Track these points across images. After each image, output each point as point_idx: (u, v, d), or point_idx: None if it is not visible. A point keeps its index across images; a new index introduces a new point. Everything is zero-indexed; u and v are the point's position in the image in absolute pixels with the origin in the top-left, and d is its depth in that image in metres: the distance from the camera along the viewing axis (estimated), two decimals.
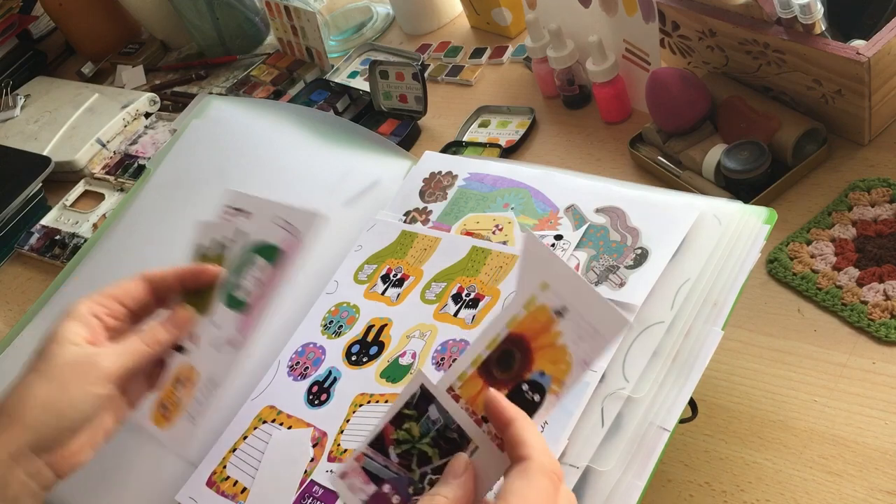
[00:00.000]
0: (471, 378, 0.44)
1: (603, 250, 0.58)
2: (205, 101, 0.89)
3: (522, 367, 0.43)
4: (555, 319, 0.42)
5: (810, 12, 0.65)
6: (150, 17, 1.34)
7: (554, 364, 0.42)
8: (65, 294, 0.80)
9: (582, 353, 0.42)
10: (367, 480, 0.44)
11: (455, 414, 0.43)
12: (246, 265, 0.58)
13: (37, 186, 1.10)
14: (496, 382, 0.43)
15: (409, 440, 0.44)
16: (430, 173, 0.72)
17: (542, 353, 0.43)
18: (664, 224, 0.57)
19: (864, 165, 0.70)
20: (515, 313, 0.44)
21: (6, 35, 1.43)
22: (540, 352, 0.43)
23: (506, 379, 0.43)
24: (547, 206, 0.63)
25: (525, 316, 0.43)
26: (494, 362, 0.44)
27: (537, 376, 0.42)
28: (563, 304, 0.42)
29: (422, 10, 1.12)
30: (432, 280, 0.63)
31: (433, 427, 0.43)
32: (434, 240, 0.66)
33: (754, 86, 0.76)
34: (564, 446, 0.50)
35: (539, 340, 0.43)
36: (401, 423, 0.44)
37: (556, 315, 0.42)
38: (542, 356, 0.43)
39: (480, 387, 0.43)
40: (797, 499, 0.53)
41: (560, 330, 0.42)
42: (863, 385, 0.56)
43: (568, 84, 0.88)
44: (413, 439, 0.44)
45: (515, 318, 0.44)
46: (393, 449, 0.44)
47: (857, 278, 0.62)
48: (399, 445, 0.44)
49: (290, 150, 0.83)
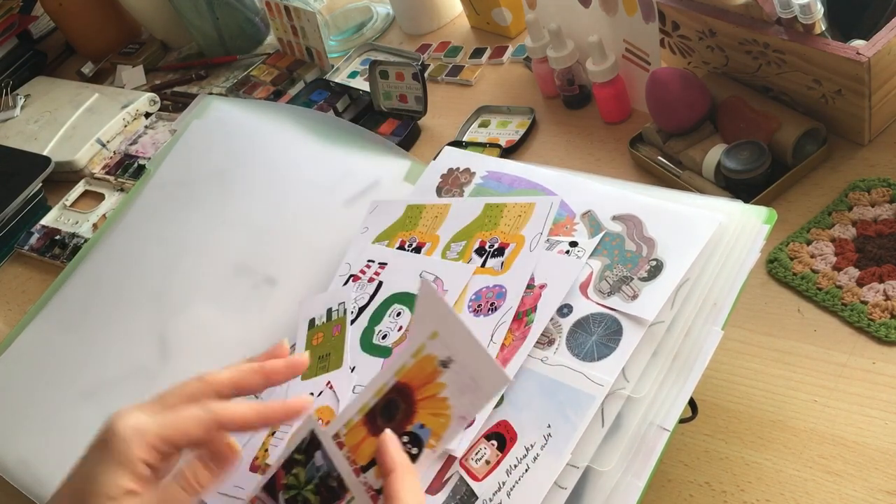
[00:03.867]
0: (356, 426, 0.44)
1: (618, 260, 0.57)
2: (205, 101, 0.89)
3: (405, 418, 0.43)
4: (440, 371, 0.42)
5: (810, 12, 0.65)
6: (150, 17, 1.34)
7: (435, 417, 0.43)
8: (65, 294, 0.80)
9: (462, 408, 0.42)
10: None
11: (337, 461, 0.43)
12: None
13: (37, 186, 1.10)
14: (379, 431, 0.43)
15: (296, 486, 0.44)
16: (448, 169, 0.71)
17: (425, 404, 0.43)
18: (681, 235, 0.56)
19: (864, 165, 0.70)
20: (404, 362, 0.43)
21: (6, 35, 1.43)
22: (422, 402, 0.43)
23: (388, 428, 0.43)
24: (563, 211, 0.62)
25: (413, 365, 0.43)
26: (379, 411, 0.44)
27: (417, 428, 0.43)
28: (449, 355, 0.42)
29: (422, 10, 1.12)
30: (451, 241, 0.63)
31: (317, 474, 0.44)
32: (444, 206, 0.66)
33: (754, 86, 0.76)
34: (568, 459, 0.50)
35: (423, 391, 0.43)
36: (291, 467, 0.45)
37: (441, 366, 0.42)
38: (424, 407, 0.43)
39: (364, 435, 0.44)
40: (797, 499, 0.53)
41: (444, 382, 0.42)
42: (863, 385, 0.56)
43: (568, 84, 0.88)
44: (299, 485, 0.44)
45: (404, 367, 0.43)
46: (282, 494, 0.44)
47: (857, 278, 0.62)
48: (287, 491, 0.44)
49: (289, 151, 0.84)
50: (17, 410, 0.75)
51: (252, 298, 0.73)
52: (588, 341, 0.54)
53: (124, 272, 0.79)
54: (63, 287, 0.80)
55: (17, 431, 0.73)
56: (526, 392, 0.53)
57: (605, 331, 0.54)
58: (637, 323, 0.53)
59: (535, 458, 0.50)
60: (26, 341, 0.78)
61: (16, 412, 0.74)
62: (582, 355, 0.53)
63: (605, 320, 0.54)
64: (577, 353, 0.53)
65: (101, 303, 0.78)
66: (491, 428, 0.53)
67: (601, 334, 0.53)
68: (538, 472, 0.50)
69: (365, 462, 0.43)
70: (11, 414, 0.75)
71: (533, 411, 0.52)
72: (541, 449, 0.51)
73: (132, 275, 0.79)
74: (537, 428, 0.51)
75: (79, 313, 0.78)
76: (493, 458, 0.52)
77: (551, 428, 0.51)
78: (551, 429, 0.51)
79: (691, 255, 0.54)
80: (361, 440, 0.44)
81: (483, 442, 0.53)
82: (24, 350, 0.78)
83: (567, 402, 0.51)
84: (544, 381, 0.53)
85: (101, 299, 0.78)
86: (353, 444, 0.44)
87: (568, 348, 0.54)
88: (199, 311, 0.74)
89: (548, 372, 0.53)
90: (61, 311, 0.79)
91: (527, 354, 0.54)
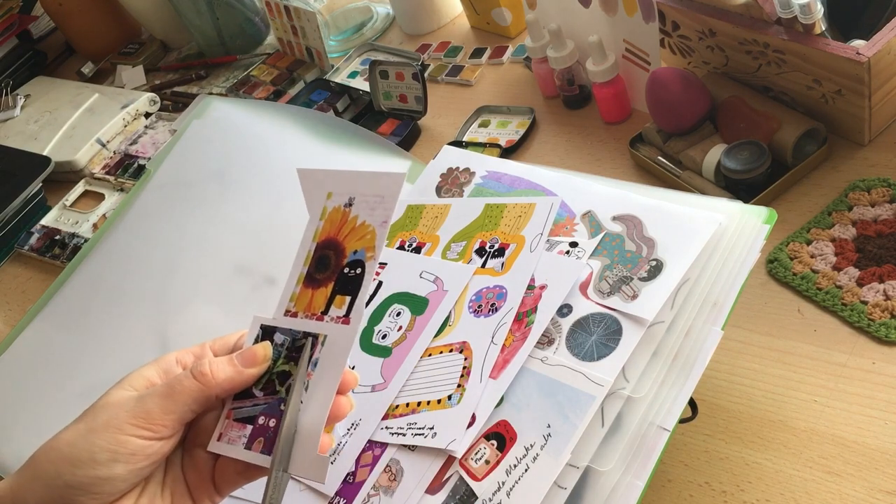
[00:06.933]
0: (300, 293, 0.48)
1: (617, 260, 0.57)
2: (205, 101, 0.89)
3: (339, 259, 0.47)
4: (348, 211, 0.48)
5: (810, 12, 0.65)
6: (150, 17, 1.34)
7: (361, 239, 0.47)
8: (65, 294, 0.80)
9: (379, 218, 0.46)
10: (242, 426, 0.45)
11: (297, 324, 0.46)
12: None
13: (37, 186, 1.10)
14: (322, 283, 0.47)
15: (266, 372, 0.46)
16: (447, 168, 0.72)
17: (349, 238, 0.47)
18: (681, 235, 0.56)
19: (864, 165, 0.70)
20: (316, 227, 0.49)
21: (6, 35, 1.43)
22: (347, 238, 0.47)
23: (328, 275, 0.47)
24: (563, 212, 0.62)
25: (324, 224, 0.48)
26: (314, 270, 0.48)
27: (352, 256, 0.47)
28: (349, 197, 0.48)
29: (422, 10, 1.12)
30: (451, 241, 0.63)
31: (282, 349, 0.46)
32: (444, 206, 0.66)
33: (754, 86, 0.76)
34: (567, 460, 0.50)
35: (343, 231, 0.47)
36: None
37: (346, 207, 0.48)
38: (350, 239, 0.47)
39: (310, 294, 0.47)
40: (797, 499, 0.53)
41: (355, 214, 0.47)
42: (863, 385, 0.56)
43: (568, 84, 0.88)
44: (269, 369, 0.46)
45: (318, 231, 0.48)
46: (255, 388, 0.46)
47: (857, 278, 0.62)
48: (259, 382, 0.46)
49: (289, 151, 0.84)
50: (17, 410, 0.75)
51: (252, 298, 0.73)
52: (588, 341, 0.54)
53: (124, 272, 0.79)
54: (63, 287, 0.80)
55: (16, 431, 0.73)
56: (526, 392, 0.53)
57: (604, 331, 0.54)
58: (637, 323, 0.53)
59: (534, 458, 0.50)
60: (26, 341, 0.78)
61: (16, 412, 0.74)
62: (582, 355, 0.53)
63: (604, 320, 0.54)
64: (576, 353, 0.53)
65: (101, 303, 0.78)
66: (491, 428, 0.53)
67: (601, 334, 0.54)
68: (538, 471, 0.50)
69: (323, 308, 0.46)
70: (11, 414, 0.75)
71: (533, 411, 0.52)
72: (540, 449, 0.51)
73: (132, 275, 0.79)
74: (537, 428, 0.51)
75: (79, 313, 0.78)
76: (492, 458, 0.52)
77: (551, 428, 0.51)
78: (551, 429, 0.51)
79: (691, 255, 0.54)
80: (310, 298, 0.47)
81: (483, 442, 0.53)
82: (24, 350, 0.78)
83: (567, 401, 0.51)
84: (544, 381, 0.53)
85: (101, 299, 0.78)
86: (305, 305, 0.47)
87: (568, 348, 0.54)
88: (199, 311, 0.74)
89: (547, 372, 0.53)
90: (61, 312, 0.79)
91: (527, 355, 0.55)
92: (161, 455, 0.42)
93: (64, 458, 0.41)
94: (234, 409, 0.45)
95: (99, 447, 0.40)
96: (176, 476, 0.45)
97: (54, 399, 0.73)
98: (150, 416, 0.42)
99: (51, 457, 0.41)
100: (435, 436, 0.54)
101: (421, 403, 0.56)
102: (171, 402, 0.42)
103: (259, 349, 0.45)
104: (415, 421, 0.55)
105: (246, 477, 0.45)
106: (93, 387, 0.72)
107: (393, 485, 0.54)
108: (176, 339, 0.73)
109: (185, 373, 0.43)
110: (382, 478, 0.54)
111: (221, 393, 0.44)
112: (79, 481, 0.40)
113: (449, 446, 0.53)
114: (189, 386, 0.43)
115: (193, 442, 0.45)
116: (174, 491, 0.44)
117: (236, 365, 0.44)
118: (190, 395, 0.43)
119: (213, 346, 0.47)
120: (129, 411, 0.41)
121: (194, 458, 0.45)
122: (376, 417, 0.57)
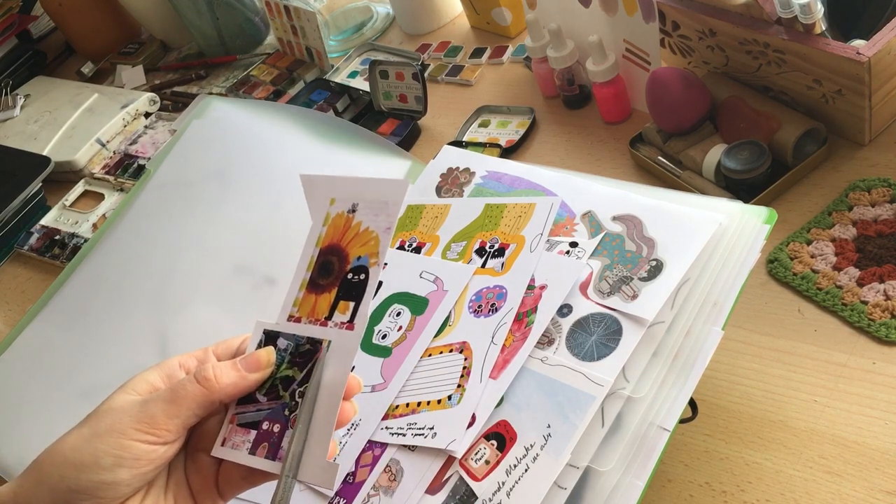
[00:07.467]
0: (303, 298, 0.48)
1: (618, 260, 0.57)
2: (205, 101, 0.89)
3: (342, 265, 0.47)
4: (351, 217, 0.47)
5: (810, 12, 0.65)
6: (150, 17, 1.34)
7: (364, 245, 0.46)
8: (65, 294, 0.80)
9: (382, 224, 0.46)
10: (246, 431, 0.45)
11: (301, 329, 0.46)
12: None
13: (36, 186, 1.10)
14: (325, 288, 0.47)
15: (269, 377, 0.46)
16: (447, 168, 0.72)
17: (353, 244, 0.47)
18: (681, 236, 0.56)
19: (865, 165, 0.70)
20: (319, 233, 0.48)
21: (6, 35, 1.43)
22: (350, 244, 0.47)
23: (331, 281, 0.47)
24: (563, 212, 0.62)
25: (327, 230, 0.48)
26: (317, 275, 0.48)
27: (356, 262, 0.46)
28: (352, 203, 0.48)
29: (422, 10, 1.12)
30: (451, 241, 0.63)
31: (286, 354, 0.46)
32: (444, 206, 0.66)
33: (754, 86, 0.76)
34: (567, 460, 0.50)
35: (346, 237, 0.47)
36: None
37: (350, 213, 0.48)
38: (353, 245, 0.47)
39: (314, 300, 0.47)
40: (797, 499, 0.53)
41: (359, 220, 0.47)
42: (863, 385, 0.56)
43: (568, 84, 0.88)
44: (272, 374, 0.46)
45: (321, 236, 0.48)
46: (258, 393, 0.45)
47: (857, 278, 0.62)
48: (262, 387, 0.45)
49: (289, 151, 0.83)
50: (17, 410, 0.74)
51: (252, 298, 0.73)
52: (588, 341, 0.54)
53: (124, 272, 0.79)
54: (63, 287, 0.80)
55: (17, 431, 0.73)
56: (526, 392, 0.53)
57: (604, 331, 0.54)
58: (637, 323, 0.53)
59: (534, 458, 0.50)
60: (26, 341, 0.78)
61: (16, 412, 0.74)
62: (582, 355, 0.53)
63: (604, 320, 0.54)
64: (576, 353, 0.53)
65: (101, 303, 0.78)
66: (491, 428, 0.53)
67: (601, 334, 0.54)
68: (538, 472, 0.50)
69: (327, 313, 0.46)
70: (11, 414, 0.74)
71: (533, 411, 0.52)
72: (540, 449, 0.51)
73: (132, 275, 0.78)
74: (537, 428, 0.51)
75: (79, 313, 0.78)
76: (492, 458, 0.52)
77: (551, 428, 0.51)
78: (551, 429, 0.51)
79: (691, 255, 0.54)
80: (314, 304, 0.47)
81: (483, 442, 0.53)
82: (24, 350, 0.78)
83: (567, 402, 0.51)
84: (544, 381, 0.53)
85: (101, 299, 0.78)
86: (309, 311, 0.47)
87: (568, 348, 0.54)
88: (198, 311, 0.74)
89: (547, 372, 0.53)
90: (61, 311, 0.79)
91: (527, 355, 0.55)
92: (165, 460, 0.42)
93: (68, 463, 0.41)
94: (237, 413, 0.45)
95: (103, 452, 0.41)
96: (179, 480, 0.45)
97: (54, 399, 0.73)
98: (154, 421, 0.42)
99: (55, 461, 0.41)
100: (435, 436, 0.54)
101: (421, 403, 0.56)
102: (175, 407, 0.42)
103: (263, 354, 0.45)
104: (415, 421, 0.55)
105: (250, 482, 0.45)
106: (93, 387, 0.72)
107: (393, 485, 0.54)
108: (176, 338, 0.73)
109: (188, 377, 0.43)
110: (382, 478, 0.54)
111: (225, 398, 0.44)
112: (83, 486, 0.40)
113: (449, 446, 0.53)
114: (193, 391, 0.43)
115: (196, 446, 0.45)
116: (177, 495, 0.44)
117: (240, 370, 0.44)
118: (194, 400, 0.42)
119: (216, 351, 0.47)
120: (133, 416, 0.42)
121: (197, 463, 0.45)
122: (376, 417, 0.57)
